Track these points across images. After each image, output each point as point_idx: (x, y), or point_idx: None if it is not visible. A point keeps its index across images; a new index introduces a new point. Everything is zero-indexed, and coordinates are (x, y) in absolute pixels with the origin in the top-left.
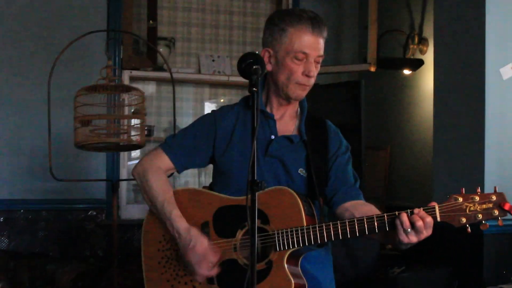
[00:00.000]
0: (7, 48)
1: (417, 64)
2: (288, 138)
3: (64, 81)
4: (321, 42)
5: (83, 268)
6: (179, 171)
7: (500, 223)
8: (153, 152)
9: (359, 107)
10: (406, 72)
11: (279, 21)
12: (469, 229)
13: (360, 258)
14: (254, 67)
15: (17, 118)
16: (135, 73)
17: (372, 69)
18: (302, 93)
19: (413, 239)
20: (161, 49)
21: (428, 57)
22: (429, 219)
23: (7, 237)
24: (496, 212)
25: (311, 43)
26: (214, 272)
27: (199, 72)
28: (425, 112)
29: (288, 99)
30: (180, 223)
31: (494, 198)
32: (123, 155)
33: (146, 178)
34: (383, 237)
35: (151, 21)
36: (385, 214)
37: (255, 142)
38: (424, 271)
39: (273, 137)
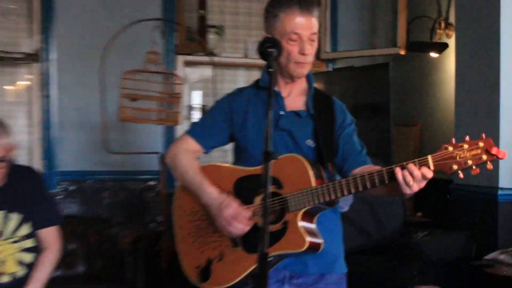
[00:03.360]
0: (74, 36)
1: (442, 47)
2: (296, 113)
3: (122, 64)
4: (312, 20)
5: (141, 232)
6: (206, 151)
7: (489, 166)
8: (180, 138)
9: (387, 87)
10: (433, 55)
11: (271, 8)
12: (461, 175)
13: (386, 224)
14: (269, 50)
15: (85, 98)
16: (188, 58)
17: (402, 52)
18: (303, 71)
19: (415, 188)
20: (211, 36)
21: (453, 41)
22: (424, 168)
23: (77, 204)
24: (485, 157)
25: (301, 24)
26: (248, 227)
27: (246, 56)
28: (451, 91)
29: (291, 78)
30: (211, 188)
31: (481, 144)
32: (180, 128)
33: (176, 159)
34: (386, 192)
35: (200, 10)
36: (376, 171)
37: (271, 115)
38: (445, 235)
39: (282, 112)
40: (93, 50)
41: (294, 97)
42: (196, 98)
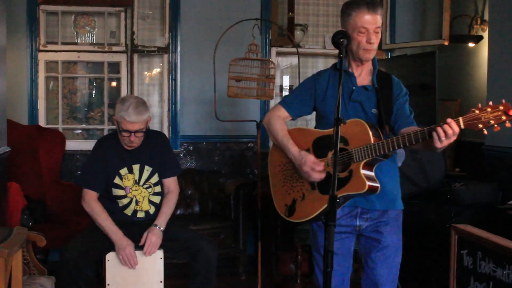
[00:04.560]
0: (193, 34)
1: (478, 39)
2: (364, 87)
3: (229, 54)
4: (377, 17)
5: (243, 181)
6: (294, 118)
7: (507, 125)
8: (274, 107)
9: (434, 71)
10: (471, 45)
11: (345, 9)
12: (485, 131)
13: (431, 176)
14: (341, 40)
15: (200, 80)
16: (280, 49)
17: (446, 43)
18: (369, 56)
19: (445, 143)
20: (297, 32)
21: (487, 34)
22: (456, 129)
23: (194, 160)
24: (504, 117)
25: (368, 20)
26: (323, 175)
27: (324, 48)
28: (483, 73)
29: (361, 61)
30: (294, 148)
31: (501, 107)
32: (272, 102)
33: (270, 123)
34: (424, 147)
35: (290, 13)
36: (420, 130)
37: (341, 89)
38: (477, 185)
39: (354, 88)
40: (207, 44)
41: (364, 76)
42: (285, 80)
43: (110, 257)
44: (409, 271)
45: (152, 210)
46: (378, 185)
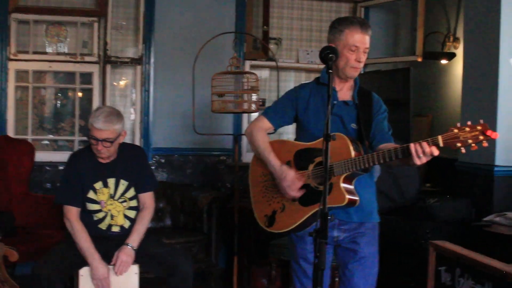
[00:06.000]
0: (168, 46)
1: (451, 56)
2: (345, 102)
3: (205, 67)
4: (367, 38)
5: (216, 194)
6: (275, 128)
7: (484, 144)
8: (257, 118)
9: (408, 87)
10: (444, 62)
11: (338, 25)
12: (463, 150)
13: (405, 192)
14: (329, 55)
15: (174, 92)
16: (254, 62)
17: (419, 59)
18: (355, 73)
19: (423, 160)
20: (271, 46)
21: (459, 51)
22: (433, 147)
23: (166, 173)
24: (481, 137)
25: (360, 39)
26: (300, 193)
27: (298, 61)
28: (456, 90)
29: (345, 78)
30: (275, 162)
31: (479, 127)
32: (245, 116)
33: (253, 135)
34: (401, 163)
35: (264, 27)
36: (400, 146)
37: (330, 106)
38: (451, 202)
39: (335, 102)
40: (182, 55)
41: (345, 91)
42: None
43: (84, 272)
44: (384, 287)
45: (127, 224)
46: (357, 198)
